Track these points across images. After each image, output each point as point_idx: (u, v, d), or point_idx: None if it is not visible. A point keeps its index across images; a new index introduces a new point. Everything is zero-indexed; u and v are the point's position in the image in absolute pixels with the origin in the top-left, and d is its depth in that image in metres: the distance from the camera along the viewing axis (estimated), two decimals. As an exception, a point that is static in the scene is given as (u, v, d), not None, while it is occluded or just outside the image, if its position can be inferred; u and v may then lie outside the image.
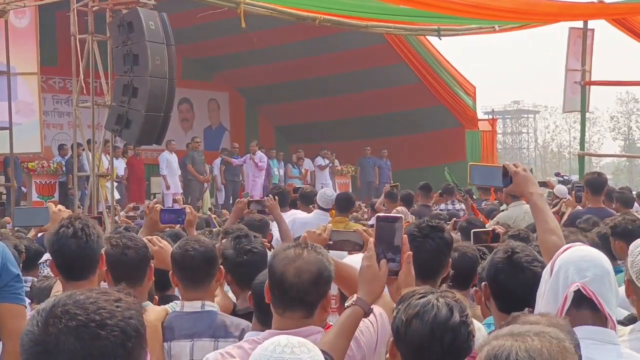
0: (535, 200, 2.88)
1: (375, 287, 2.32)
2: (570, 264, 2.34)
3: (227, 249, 3.42)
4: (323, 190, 7.89)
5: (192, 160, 15.55)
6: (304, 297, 2.34)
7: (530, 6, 10.61)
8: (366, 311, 2.31)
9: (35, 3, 9.75)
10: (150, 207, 4.09)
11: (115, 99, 8.80)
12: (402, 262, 2.35)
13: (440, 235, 2.97)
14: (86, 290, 1.47)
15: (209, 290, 3.14)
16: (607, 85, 16.54)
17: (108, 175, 10.73)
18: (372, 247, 2.35)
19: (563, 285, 2.31)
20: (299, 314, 2.34)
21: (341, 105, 19.31)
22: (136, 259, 3.17)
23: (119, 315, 1.42)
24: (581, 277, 2.31)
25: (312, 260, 2.37)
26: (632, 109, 62.33)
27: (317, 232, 3.06)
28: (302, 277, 2.33)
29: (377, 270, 2.32)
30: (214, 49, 18.80)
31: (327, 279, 2.38)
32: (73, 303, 1.42)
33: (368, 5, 11.34)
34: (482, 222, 6.46)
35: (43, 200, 13.95)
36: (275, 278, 2.37)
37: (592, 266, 2.34)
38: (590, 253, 2.42)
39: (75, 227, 2.81)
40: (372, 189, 18.40)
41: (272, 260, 2.43)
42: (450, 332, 1.93)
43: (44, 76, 12.39)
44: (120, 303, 1.45)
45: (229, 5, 10.60)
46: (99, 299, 1.44)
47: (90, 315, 1.40)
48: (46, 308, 1.44)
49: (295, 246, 2.43)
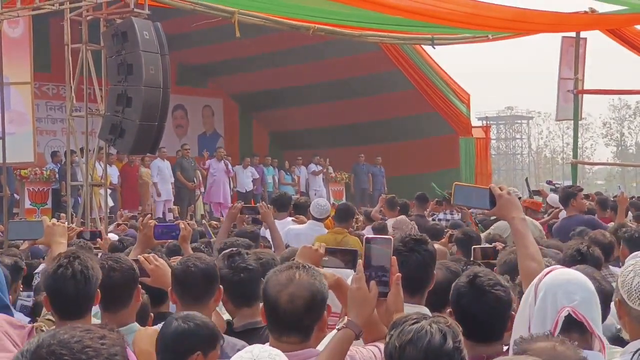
0: (517, 225, 2.90)
1: (365, 309, 2.32)
2: (557, 287, 2.36)
3: (221, 268, 3.43)
4: (317, 201, 7.78)
5: (181, 168, 15.51)
6: (298, 323, 2.34)
7: (524, 17, 10.64)
8: (357, 333, 2.31)
9: (29, 13, 9.73)
10: (144, 223, 4.06)
11: (109, 109, 8.78)
12: (391, 284, 2.35)
13: (424, 247, 2.99)
14: (69, 328, 1.45)
15: (207, 309, 3.11)
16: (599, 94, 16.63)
17: (102, 183, 10.70)
18: (361, 269, 2.34)
19: (552, 310, 2.33)
20: (295, 339, 2.35)
21: (335, 111, 19.32)
22: (122, 281, 3.13)
23: (105, 352, 1.41)
24: (570, 300, 2.32)
25: (305, 284, 2.36)
26: (624, 116, 62.59)
27: (314, 248, 3.06)
28: (295, 304, 2.33)
29: (367, 292, 2.32)
30: (208, 55, 18.79)
31: (320, 303, 2.38)
32: (58, 343, 1.40)
33: (362, 14, 11.35)
34: (477, 234, 6.47)
35: (36, 207, 13.91)
36: (269, 304, 2.38)
37: (580, 289, 2.37)
38: (575, 276, 2.44)
39: (74, 269, 2.75)
40: (366, 196, 18.41)
41: (265, 285, 2.43)
42: (444, 359, 1.94)
43: (37, 83, 12.36)
44: (105, 340, 1.43)
45: (223, 14, 10.61)
46: (83, 338, 1.42)
47: (76, 354, 1.38)
48: (30, 349, 1.41)
49: (287, 268, 2.43)
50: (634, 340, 2.37)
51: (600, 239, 4.99)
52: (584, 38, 12.97)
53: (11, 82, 9.88)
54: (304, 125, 20.05)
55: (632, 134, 63.21)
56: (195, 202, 15.95)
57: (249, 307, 3.27)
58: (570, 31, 12.08)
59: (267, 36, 15.59)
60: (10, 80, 9.83)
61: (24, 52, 10.06)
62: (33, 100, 10.49)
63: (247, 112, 21.63)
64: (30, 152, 10.37)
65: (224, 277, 3.36)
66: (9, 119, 9.59)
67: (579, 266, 3.11)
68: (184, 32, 14.99)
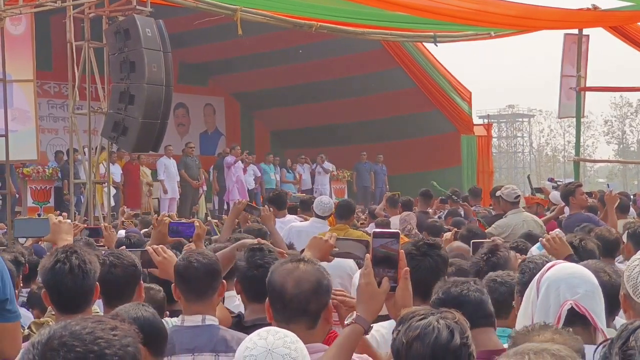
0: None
1: (374, 305, 2.32)
2: (560, 281, 2.36)
3: (240, 260, 3.43)
4: (320, 198, 7.77)
5: (185, 166, 15.53)
6: (305, 307, 2.36)
7: (527, 14, 10.63)
8: (366, 329, 2.31)
9: (31, 10, 9.74)
10: (159, 220, 4.04)
11: (112, 106, 8.79)
12: (399, 278, 2.35)
13: (437, 252, 3.00)
14: (81, 319, 1.44)
15: (210, 304, 3.12)
16: (602, 91, 16.61)
17: (105, 181, 10.71)
18: (369, 264, 2.34)
19: (555, 303, 2.33)
20: (303, 325, 2.36)
21: (337, 110, 19.31)
22: (123, 277, 3.14)
23: (117, 343, 1.40)
24: (573, 293, 2.32)
25: (310, 270, 2.41)
26: (625, 113, 62.53)
27: (324, 238, 3.07)
28: (302, 287, 2.36)
29: (376, 287, 2.31)
30: (209, 53, 18.80)
31: (326, 288, 2.41)
32: (69, 334, 1.39)
33: (364, 12, 11.35)
34: (482, 230, 6.45)
35: (38, 205, 13.91)
36: (276, 292, 2.39)
37: (583, 282, 2.37)
38: (578, 269, 2.44)
39: (71, 264, 2.73)
40: (369, 194, 18.41)
41: (270, 275, 2.46)
42: (451, 355, 1.93)
43: (39, 81, 12.37)
44: (116, 331, 1.42)
45: (225, 12, 10.60)
46: (95, 329, 1.41)
47: (88, 346, 1.38)
48: (41, 341, 1.40)
49: (290, 260, 2.47)
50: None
51: (606, 235, 4.98)
52: (587, 35, 12.94)
53: (14, 80, 9.89)
54: (305, 124, 20.05)
55: (633, 132, 63.25)
56: (199, 201, 15.96)
57: (260, 303, 3.26)
58: (573, 28, 12.05)
59: (268, 35, 15.59)
60: (13, 77, 9.84)
61: (27, 49, 10.06)
62: (36, 98, 10.50)
63: (248, 111, 21.63)
64: (33, 150, 10.38)
65: (239, 269, 3.37)
66: (11, 116, 9.60)
67: (588, 261, 3.10)
68: (186, 30, 15.00)
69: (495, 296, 3.22)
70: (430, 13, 10.45)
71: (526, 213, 7.53)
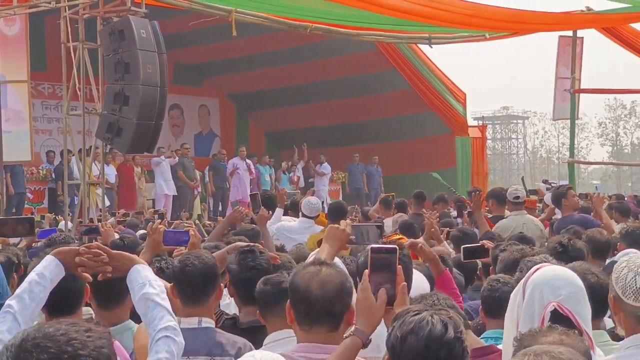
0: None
1: (372, 318, 2.33)
2: (544, 283, 2.37)
3: (231, 263, 3.41)
4: (308, 199, 7.83)
5: (183, 167, 15.53)
6: (330, 308, 2.39)
7: (522, 18, 10.66)
8: (364, 341, 2.32)
9: (25, 11, 9.72)
10: (154, 228, 3.98)
11: (107, 107, 8.78)
12: (397, 293, 2.37)
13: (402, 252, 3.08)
14: (55, 322, 1.45)
15: (207, 307, 3.11)
16: (596, 93, 16.67)
17: (98, 182, 10.69)
18: (366, 279, 2.36)
19: (539, 306, 2.33)
20: (326, 328, 2.39)
21: (332, 111, 19.33)
22: (114, 278, 3.14)
23: (91, 345, 1.41)
24: (556, 295, 2.33)
25: (333, 273, 2.45)
26: (619, 115, 62.69)
27: (341, 227, 3.12)
28: (326, 288, 2.39)
29: (374, 301, 2.33)
30: (204, 54, 18.79)
31: (349, 290, 2.45)
32: (43, 336, 1.40)
33: (359, 14, 11.36)
34: (473, 231, 6.45)
35: (32, 206, 13.88)
36: (300, 294, 2.41)
37: (566, 284, 2.37)
38: (562, 272, 2.44)
39: None
40: (361, 195, 18.40)
41: (293, 278, 2.48)
42: (445, 348, 1.95)
43: (33, 82, 12.35)
44: (91, 333, 1.43)
45: (220, 13, 10.61)
46: (69, 331, 1.42)
47: (62, 347, 1.39)
48: (15, 343, 1.41)
49: (312, 264, 2.51)
50: (629, 336, 2.36)
51: (597, 237, 4.96)
52: (581, 37, 12.98)
53: (8, 81, 9.87)
54: (300, 125, 20.05)
55: (627, 134, 63.39)
56: (193, 202, 15.94)
57: (254, 305, 3.25)
58: (567, 30, 12.10)
59: (263, 36, 15.60)
60: (7, 78, 9.82)
61: (21, 50, 10.04)
62: (30, 99, 10.47)
63: (243, 112, 21.62)
64: (27, 151, 10.35)
65: (232, 272, 3.35)
66: (5, 117, 9.59)
67: (575, 263, 3.11)
68: (181, 31, 14.98)
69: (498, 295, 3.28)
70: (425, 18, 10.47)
71: (528, 215, 7.47)
